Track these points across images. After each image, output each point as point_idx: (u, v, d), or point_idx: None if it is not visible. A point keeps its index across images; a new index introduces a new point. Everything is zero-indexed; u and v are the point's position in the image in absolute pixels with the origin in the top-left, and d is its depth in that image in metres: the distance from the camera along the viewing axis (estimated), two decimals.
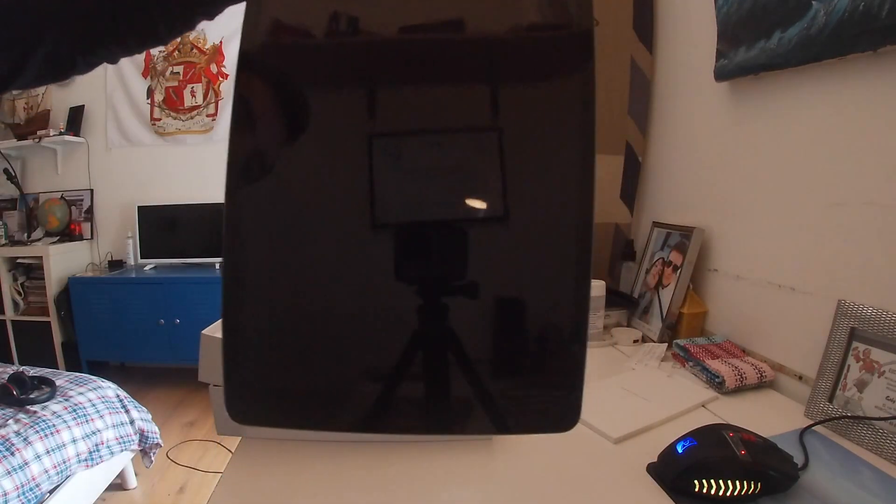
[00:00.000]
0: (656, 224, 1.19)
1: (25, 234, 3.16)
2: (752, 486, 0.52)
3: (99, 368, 2.98)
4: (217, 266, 3.03)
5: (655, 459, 0.59)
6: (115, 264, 3.16)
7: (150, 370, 3.13)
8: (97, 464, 1.69)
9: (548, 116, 0.25)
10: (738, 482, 0.52)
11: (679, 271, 1.03)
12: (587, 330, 0.25)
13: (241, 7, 0.25)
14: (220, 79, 3.07)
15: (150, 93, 3.12)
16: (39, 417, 1.60)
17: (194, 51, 3.08)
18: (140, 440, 1.90)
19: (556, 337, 0.25)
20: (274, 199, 0.24)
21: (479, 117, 0.24)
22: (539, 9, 0.25)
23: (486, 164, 0.24)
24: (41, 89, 3.12)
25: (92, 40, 0.34)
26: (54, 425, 1.60)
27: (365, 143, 0.23)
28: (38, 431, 1.54)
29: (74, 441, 1.63)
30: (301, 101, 0.24)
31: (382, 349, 0.24)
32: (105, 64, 0.37)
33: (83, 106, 3.13)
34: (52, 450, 1.55)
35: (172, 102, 3.12)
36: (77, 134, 3.14)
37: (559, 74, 0.25)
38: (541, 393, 0.25)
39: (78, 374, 1.98)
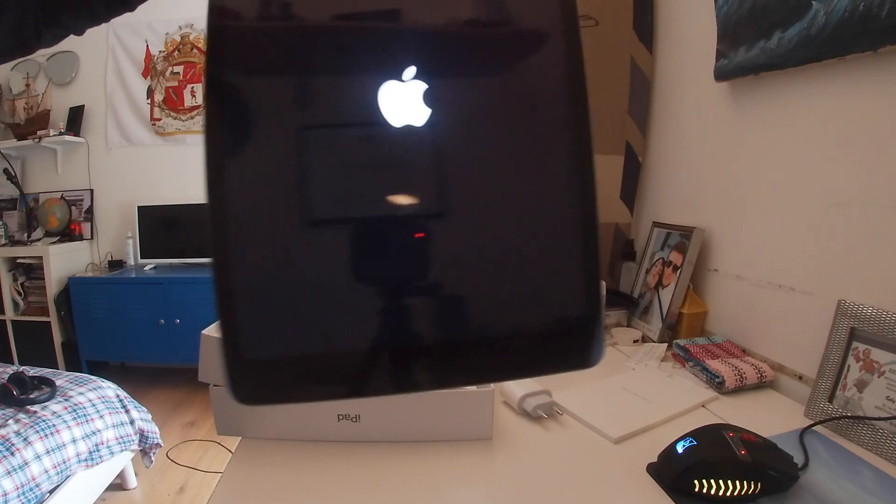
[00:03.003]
0: (656, 224, 1.19)
1: (25, 234, 3.16)
2: (752, 486, 0.52)
3: (99, 368, 2.98)
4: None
5: (655, 459, 0.59)
6: (115, 264, 3.16)
7: (150, 370, 3.13)
8: (97, 464, 1.69)
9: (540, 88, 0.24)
10: (738, 482, 0.52)
11: (679, 271, 1.03)
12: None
13: None
14: None
15: (150, 93, 3.12)
16: (39, 417, 1.60)
17: (194, 51, 3.09)
18: (140, 440, 1.90)
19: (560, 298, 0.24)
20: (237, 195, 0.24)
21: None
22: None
23: (422, 157, 0.24)
24: (41, 89, 3.12)
25: (59, 8, 0.34)
26: (54, 425, 1.60)
27: (296, 134, 0.23)
28: (38, 431, 1.54)
29: (74, 441, 1.63)
30: (237, 92, 0.24)
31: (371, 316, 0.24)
32: (105, 64, 0.37)
33: (83, 106, 3.13)
34: (52, 450, 1.55)
35: (172, 102, 3.12)
36: (77, 134, 3.14)
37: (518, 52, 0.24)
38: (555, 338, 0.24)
39: (78, 374, 1.98)
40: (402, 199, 0.23)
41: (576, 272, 0.24)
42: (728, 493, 0.52)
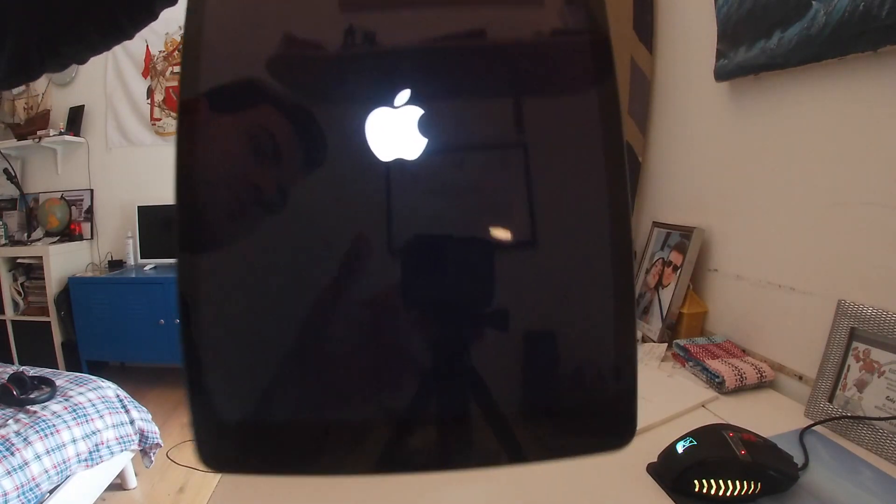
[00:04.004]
0: (656, 224, 1.19)
1: (25, 234, 3.16)
2: (752, 486, 0.52)
3: (99, 368, 2.98)
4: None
5: (655, 459, 0.59)
6: (115, 264, 3.16)
7: (150, 370, 3.13)
8: (97, 464, 1.69)
9: (573, 129, 0.23)
10: (738, 482, 0.52)
11: (679, 271, 1.03)
12: (636, 365, 0.22)
13: None
14: None
15: (150, 93, 3.12)
16: (39, 417, 1.60)
17: None
18: (140, 440, 1.90)
19: (598, 377, 0.22)
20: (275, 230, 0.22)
21: (501, 133, 0.23)
22: (556, 15, 0.24)
23: (509, 183, 0.22)
24: (41, 89, 3.12)
25: (54, 37, 0.33)
26: (54, 425, 1.60)
27: (379, 165, 0.21)
28: (38, 431, 1.54)
29: (74, 441, 1.63)
30: (312, 121, 0.22)
31: (394, 388, 0.22)
32: (105, 64, 0.37)
33: (83, 106, 3.13)
34: (52, 450, 1.55)
35: (172, 102, 3.12)
36: (77, 134, 3.14)
37: (581, 84, 0.23)
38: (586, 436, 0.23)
39: (78, 374, 1.98)
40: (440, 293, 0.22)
41: (612, 346, 0.23)
42: (728, 493, 0.52)
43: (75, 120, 3.14)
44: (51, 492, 1.53)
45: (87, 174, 3.23)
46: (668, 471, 0.57)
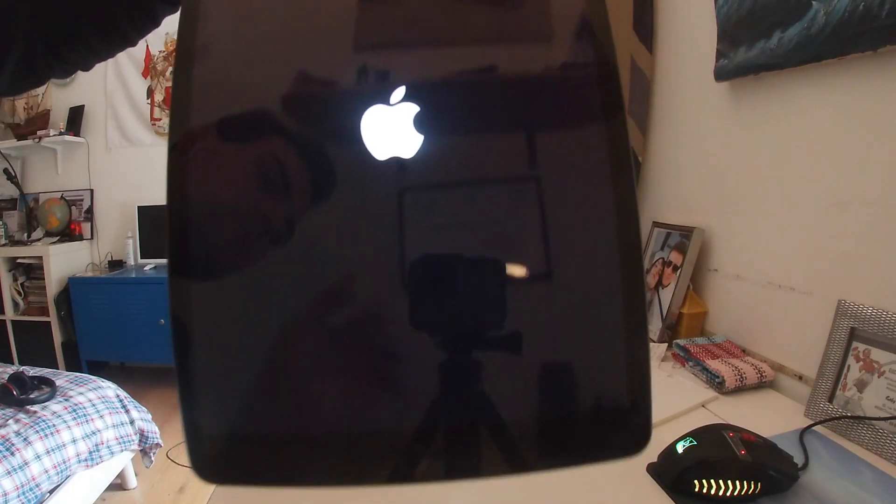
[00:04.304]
0: (656, 224, 1.19)
1: (25, 234, 3.16)
2: (752, 486, 0.52)
3: (99, 368, 2.98)
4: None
5: (655, 459, 0.59)
6: (115, 264, 3.16)
7: (150, 370, 3.13)
8: (97, 464, 1.69)
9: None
10: (738, 482, 0.52)
11: (679, 271, 1.03)
12: (650, 394, 0.22)
13: None
14: None
15: (150, 93, 3.12)
16: (39, 417, 1.60)
17: None
18: (140, 440, 1.90)
19: (608, 409, 0.22)
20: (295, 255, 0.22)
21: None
22: (566, 49, 0.24)
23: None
24: (41, 89, 3.12)
25: (58, 42, 0.33)
26: (54, 425, 1.60)
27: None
28: (38, 431, 1.54)
29: (74, 441, 1.63)
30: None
31: (400, 404, 0.22)
32: (105, 64, 0.37)
33: (83, 106, 3.13)
34: (52, 450, 1.55)
35: None
36: (77, 134, 3.14)
37: (590, 117, 0.23)
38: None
39: (78, 374, 1.98)
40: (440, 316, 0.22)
41: (623, 356, 0.23)
42: (728, 493, 0.52)
43: (75, 120, 3.14)
44: (51, 492, 1.53)
45: (87, 174, 3.23)
46: (668, 471, 0.57)
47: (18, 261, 3.03)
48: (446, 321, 0.22)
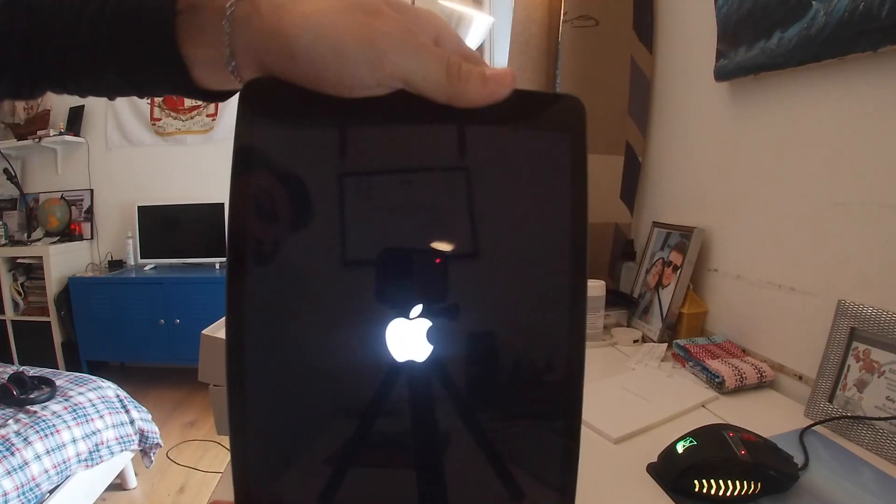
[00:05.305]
0: (656, 224, 1.19)
1: (25, 234, 3.16)
2: (752, 486, 0.52)
3: (99, 368, 2.98)
4: (217, 266, 3.03)
5: (655, 459, 0.59)
6: (115, 264, 3.16)
7: (150, 370, 3.13)
8: (97, 464, 1.69)
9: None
10: (738, 482, 0.52)
11: (679, 271, 1.03)
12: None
13: None
14: None
15: None
16: (39, 417, 1.60)
17: None
18: (140, 440, 1.90)
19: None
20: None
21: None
22: (540, 141, 0.25)
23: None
24: None
25: (43, 82, 0.32)
26: (54, 425, 1.60)
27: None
28: (38, 431, 1.55)
29: (74, 441, 1.63)
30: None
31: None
32: None
33: (83, 106, 3.14)
34: (52, 450, 1.55)
35: (172, 102, 3.12)
36: (77, 134, 3.14)
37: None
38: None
39: (78, 374, 1.98)
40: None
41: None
42: (728, 493, 0.52)
43: (75, 120, 3.14)
44: (51, 492, 1.53)
45: (87, 174, 3.23)
46: (668, 471, 0.57)
47: (18, 261, 3.03)
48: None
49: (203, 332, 0.66)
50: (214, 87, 0.29)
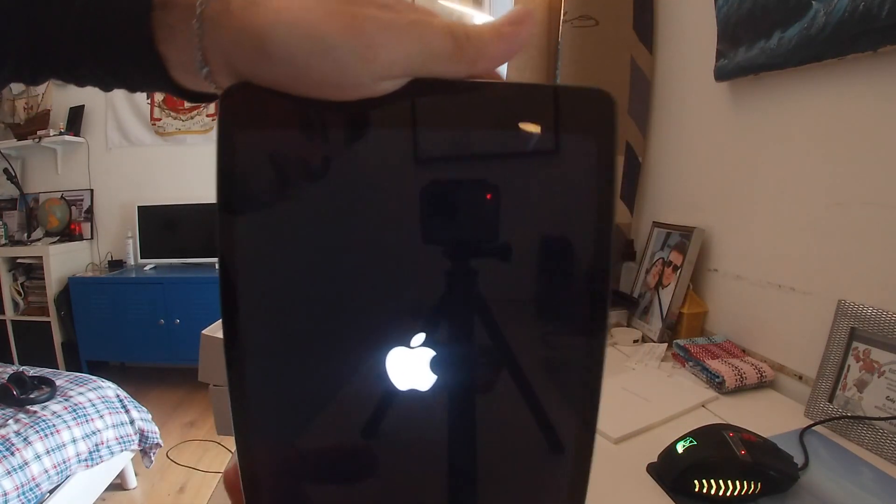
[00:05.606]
0: (656, 224, 1.19)
1: (25, 234, 3.16)
2: (752, 486, 0.52)
3: (99, 368, 2.98)
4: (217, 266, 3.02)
5: (655, 459, 0.59)
6: (115, 264, 3.16)
7: (150, 370, 3.13)
8: (97, 464, 1.69)
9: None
10: (738, 482, 0.52)
11: (679, 271, 1.03)
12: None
13: None
14: None
15: (150, 93, 3.12)
16: (39, 417, 1.60)
17: None
18: (140, 440, 1.90)
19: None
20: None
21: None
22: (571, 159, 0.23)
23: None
24: (41, 89, 3.12)
25: (43, 72, 0.32)
26: (54, 425, 1.60)
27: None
28: (38, 431, 1.55)
29: (74, 441, 1.63)
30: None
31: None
32: None
33: (83, 106, 3.13)
34: (52, 450, 1.55)
35: (172, 102, 3.12)
36: (77, 134, 3.14)
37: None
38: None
39: (78, 374, 1.98)
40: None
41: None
42: (728, 493, 0.52)
43: (75, 120, 3.14)
44: (51, 492, 1.53)
45: (87, 174, 3.23)
46: (668, 471, 0.57)
47: (18, 261, 3.03)
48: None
49: (203, 332, 0.66)
50: (197, 89, 0.26)
